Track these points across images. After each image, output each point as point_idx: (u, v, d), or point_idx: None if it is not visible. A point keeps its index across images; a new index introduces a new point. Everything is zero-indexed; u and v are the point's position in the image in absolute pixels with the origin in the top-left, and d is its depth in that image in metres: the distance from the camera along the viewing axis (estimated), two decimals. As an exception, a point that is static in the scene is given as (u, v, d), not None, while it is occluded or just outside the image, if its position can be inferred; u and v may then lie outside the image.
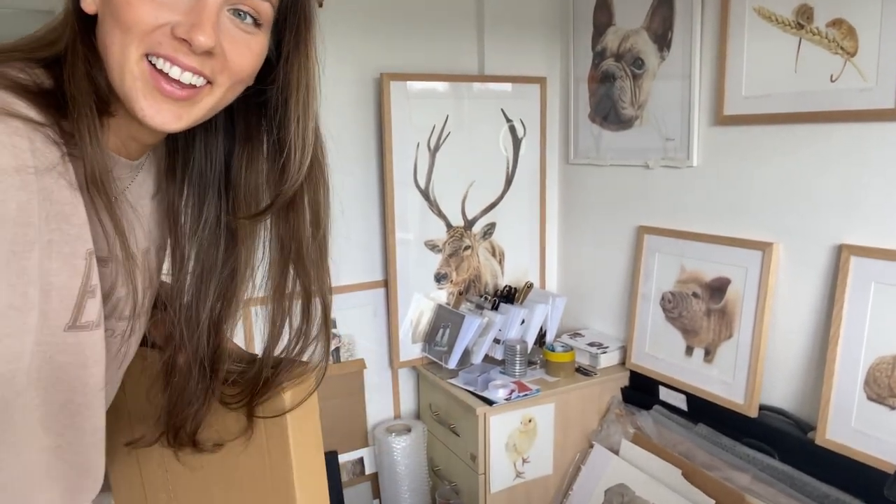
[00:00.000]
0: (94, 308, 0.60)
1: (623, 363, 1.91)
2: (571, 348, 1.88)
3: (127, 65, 0.56)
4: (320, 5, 0.68)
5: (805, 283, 1.47)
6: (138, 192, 0.70)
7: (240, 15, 0.58)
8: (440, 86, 1.93)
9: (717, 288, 1.64)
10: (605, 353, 1.90)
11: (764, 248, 1.53)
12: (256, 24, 0.60)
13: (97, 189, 0.57)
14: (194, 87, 0.57)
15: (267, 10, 0.60)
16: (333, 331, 1.92)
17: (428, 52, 1.96)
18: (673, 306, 1.75)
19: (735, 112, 1.57)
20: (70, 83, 0.57)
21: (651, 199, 1.84)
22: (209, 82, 0.58)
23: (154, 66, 0.56)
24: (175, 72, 0.56)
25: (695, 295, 1.69)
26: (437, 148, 1.93)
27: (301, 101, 0.66)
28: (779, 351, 1.53)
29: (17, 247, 0.52)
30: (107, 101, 0.59)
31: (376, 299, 1.99)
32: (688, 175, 1.72)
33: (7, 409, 0.55)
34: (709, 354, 1.66)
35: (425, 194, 1.94)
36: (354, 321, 1.96)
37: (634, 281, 1.87)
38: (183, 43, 0.55)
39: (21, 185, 0.51)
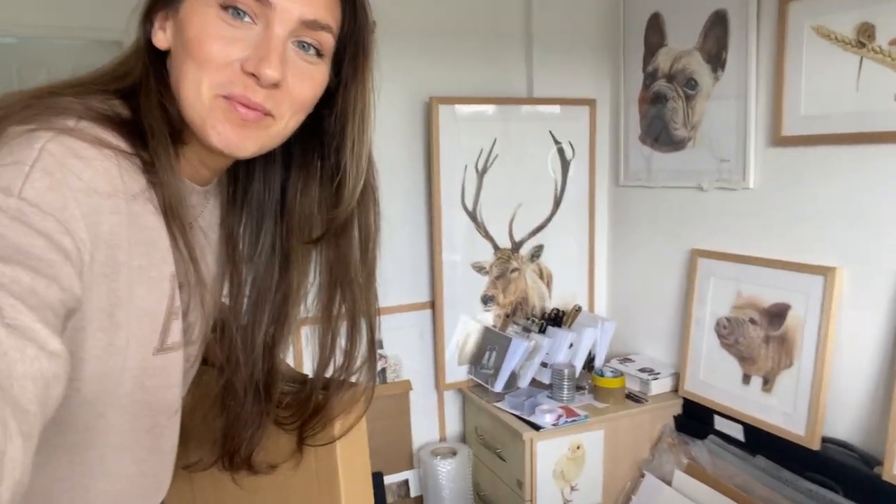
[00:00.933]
0: (178, 329, 0.62)
1: (676, 390, 1.85)
2: (621, 373, 1.84)
3: (200, 98, 0.59)
4: (372, 31, 0.69)
5: (870, 309, 1.40)
6: (209, 219, 0.73)
7: (303, 47, 0.61)
8: (488, 109, 1.94)
9: (777, 314, 1.57)
10: (656, 379, 1.84)
11: (826, 272, 1.47)
12: (319, 54, 0.62)
13: (174, 215, 0.60)
14: (258, 114, 0.60)
15: (329, 41, 0.62)
16: (380, 352, 1.93)
17: (476, 75, 1.97)
18: (729, 332, 1.69)
19: (793, 132, 1.52)
20: (146, 114, 0.60)
21: (705, 222, 1.80)
22: (272, 117, 0.60)
23: (228, 100, 0.59)
24: (242, 110, 0.59)
25: (752, 321, 1.63)
26: (484, 170, 1.94)
27: (357, 128, 0.67)
28: (843, 381, 1.46)
29: (108, 269, 0.54)
30: (180, 129, 0.62)
31: (423, 321, 1.99)
32: (744, 197, 1.68)
33: (88, 431, 0.57)
34: (767, 383, 1.59)
35: (473, 216, 1.94)
36: (401, 342, 1.96)
37: (688, 305, 1.82)
38: (251, 77, 0.58)
39: (113, 209, 0.54)
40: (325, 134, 0.69)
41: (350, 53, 0.66)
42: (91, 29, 4.05)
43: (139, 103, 0.61)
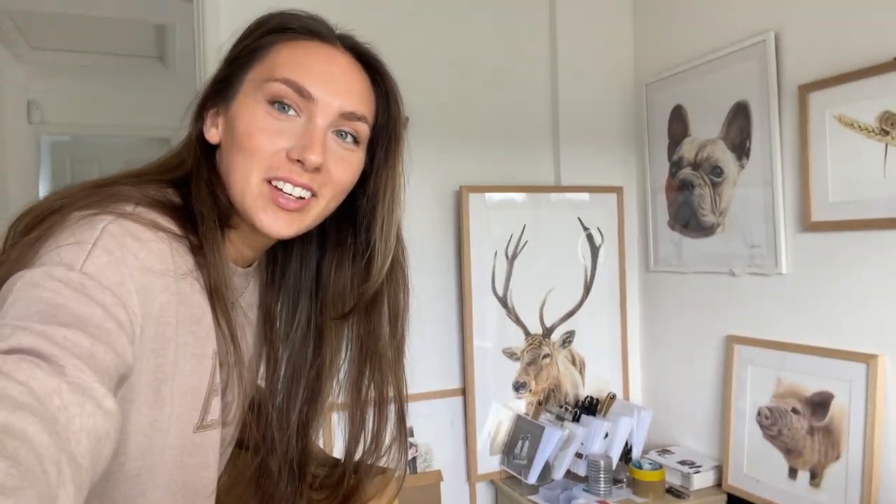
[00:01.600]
0: (217, 407, 0.65)
1: (719, 485, 1.77)
2: (661, 466, 1.77)
3: (249, 186, 0.64)
4: (404, 123, 0.76)
5: (920, 399, 1.35)
6: (249, 299, 0.77)
7: (342, 135, 0.67)
8: (517, 196, 1.99)
9: (820, 403, 1.52)
10: (698, 472, 1.77)
11: (868, 360, 1.42)
12: (356, 141, 0.69)
13: (218, 296, 0.65)
14: (304, 199, 0.65)
15: (364, 130, 0.69)
16: (410, 440, 1.90)
17: (505, 164, 2.04)
18: (771, 423, 1.63)
19: (823, 218, 1.52)
20: (197, 200, 0.66)
21: (739, 308, 1.78)
22: (314, 195, 0.66)
23: (272, 184, 0.64)
24: (288, 188, 0.64)
25: (794, 411, 1.58)
26: (514, 256, 1.96)
27: (387, 207, 0.73)
28: (894, 473, 1.38)
29: (157, 345, 0.57)
30: (228, 215, 0.68)
31: (454, 408, 1.96)
32: (777, 282, 1.66)
33: None
34: (815, 477, 1.52)
35: (503, 302, 1.95)
36: (432, 430, 1.93)
37: (726, 394, 1.77)
38: (296, 163, 0.64)
39: (164, 288, 0.58)
40: (358, 214, 0.75)
41: (384, 142, 0.73)
42: (140, 127, 4.32)
43: (190, 191, 0.67)
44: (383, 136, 0.73)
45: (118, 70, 3.72)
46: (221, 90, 0.69)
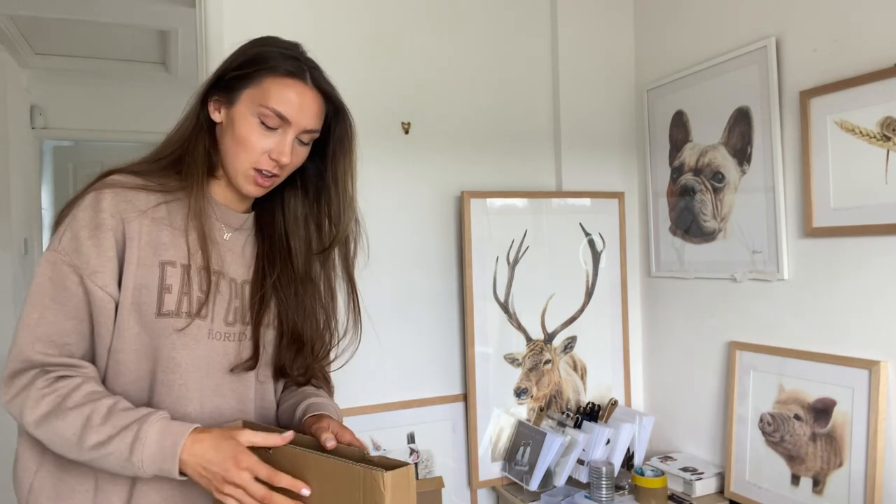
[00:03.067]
0: (172, 301, 0.95)
1: (721, 492, 1.76)
2: (663, 472, 1.76)
3: (241, 169, 1.00)
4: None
5: (923, 406, 1.34)
6: (244, 238, 1.09)
7: (300, 141, 1.03)
8: (519, 202, 1.99)
9: (822, 410, 1.52)
10: (700, 479, 1.76)
11: (870, 366, 1.42)
12: (307, 143, 1.04)
13: (197, 219, 0.98)
14: (270, 178, 1.02)
15: (314, 136, 1.04)
16: (412, 446, 1.90)
17: (507, 169, 2.04)
18: (773, 429, 1.63)
19: (825, 224, 1.52)
20: (189, 154, 1.01)
21: (741, 314, 1.77)
22: (277, 175, 1.02)
23: (255, 170, 1.00)
24: (265, 173, 1.00)
25: (797, 417, 1.57)
26: (516, 261, 1.96)
27: (340, 178, 1.09)
28: (900, 483, 1.38)
29: (128, 259, 0.97)
30: (214, 167, 1.04)
31: (455, 413, 1.96)
32: (779, 288, 1.66)
33: (169, 371, 0.96)
34: (818, 484, 1.51)
35: (504, 307, 1.95)
36: (433, 436, 1.93)
37: (728, 400, 1.76)
38: (273, 161, 1.00)
39: (136, 223, 0.97)
40: (323, 184, 1.11)
41: (337, 137, 1.08)
42: (143, 132, 4.32)
43: (182, 159, 1.02)
44: (336, 133, 1.07)
45: (121, 75, 3.73)
46: (224, 91, 1.00)
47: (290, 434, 0.87)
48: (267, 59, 0.98)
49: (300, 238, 1.10)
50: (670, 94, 1.98)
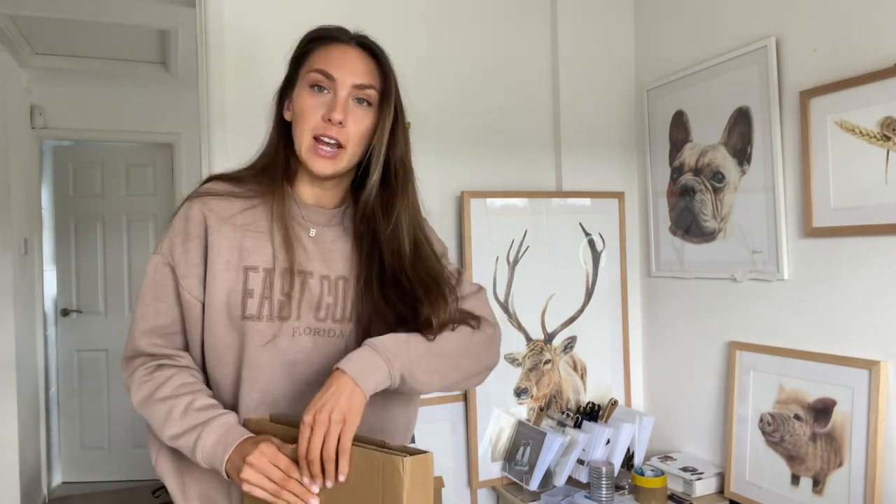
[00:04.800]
0: (254, 305, 0.99)
1: (721, 492, 1.76)
2: (663, 472, 1.76)
3: (304, 143, 0.99)
4: (397, 85, 1.03)
5: (923, 406, 1.34)
6: (337, 233, 1.07)
7: (359, 101, 1.00)
8: (519, 202, 1.99)
9: (822, 410, 1.52)
10: (700, 479, 1.76)
11: (870, 366, 1.42)
12: (368, 104, 1.01)
13: (280, 221, 1.01)
14: (333, 149, 0.99)
15: (373, 94, 1.01)
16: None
17: (507, 169, 2.04)
18: (773, 429, 1.63)
19: (825, 224, 1.52)
20: (271, 158, 1.05)
21: (741, 313, 1.77)
22: (340, 146, 0.99)
23: (316, 140, 0.98)
24: (325, 139, 0.98)
25: (797, 417, 1.57)
26: (516, 261, 1.96)
27: (383, 133, 1.02)
28: (900, 483, 1.38)
29: (210, 268, 1.00)
30: (295, 167, 1.05)
31: (455, 414, 1.96)
32: (779, 288, 1.66)
33: (244, 367, 1.00)
34: (818, 484, 1.51)
35: (505, 307, 1.95)
36: (433, 436, 1.93)
37: (728, 400, 1.76)
38: (328, 122, 0.97)
39: (219, 232, 1.00)
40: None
41: (384, 97, 1.02)
42: (143, 132, 4.31)
43: (268, 156, 1.06)
44: (384, 94, 1.02)
45: (121, 75, 3.72)
46: (289, 86, 1.04)
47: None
48: (311, 36, 1.04)
49: (380, 218, 1.06)
50: (670, 94, 1.98)
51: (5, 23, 2.99)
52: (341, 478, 0.83)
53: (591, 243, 2.06)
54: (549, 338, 2.00)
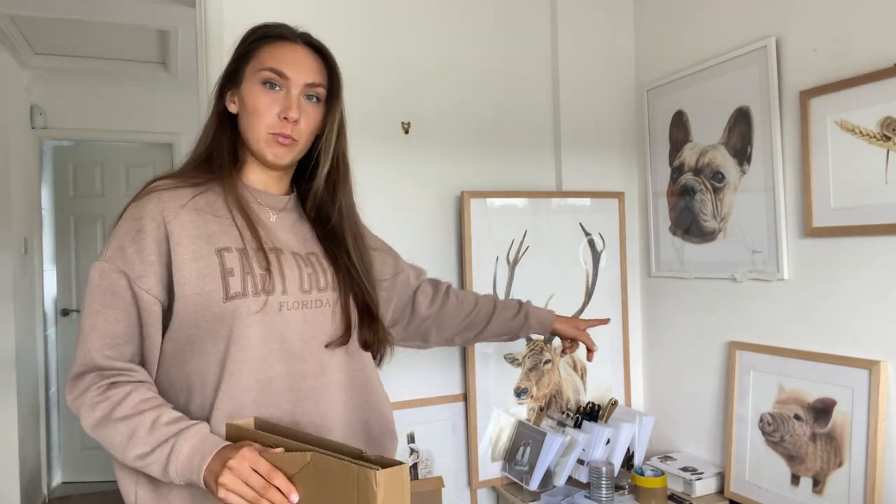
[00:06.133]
0: (236, 283, 0.98)
1: (721, 492, 1.76)
2: (663, 472, 1.76)
3: (260, 137, 1.04)
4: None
5: (923, 406, 1.34)
6: (293, 218, 1.12)
7: (310, 98, 1.06)
8: (519, 202, 1.99)
9: (822, 410, 1.52)
10: (700, 479, 1.76)
11: (870, 366, 1.42)
12: (318, 100, 1.07)
13: (236, 203, 1.03)
14: (289, 142, 1.04)
15: (322, 91, 1.07)
16: (412, 446, 1.90)
17: (507, 169, 2.04)
18: (773, 429, 1.63)
19: (825, 224, 1.52)
20: (216, 147, 1.07)
21: (741, 313, 1.77)
22: (295, 140, 1.05)
23: (273, 135, 1.03)
24: (281, 138, 1.03)
25: (797, 417, 1.57)
26: (516, 261, 1.96)
27: (331, 131, 1.09)
28: (900, 483, 1.38)
29: (175, 258, 0.99)
30: (242, 156, 1.09)
31: (455, 413, 1.96)
32: (779, 288, 1.66)
33: (229, 342, 0.98)
34: (818, 485, 1.51)
35: (505, 307, 1.94)
36: (433, 436, 1.93)
37: (728, 400, 1.76)
38: (284, 120, 1.03)
39: (175, 219, 0.99)
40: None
41: (331, 95, 1.09)
42: (143, 132, 4.31)
43: (213, 154, 1.07)
44: (331, 91, 1.09)
45: (121, 75, 3.72)
46: (233, 79, 1.07)
47: (279, 449, 0.87)
48: (257, 34, 1.07)
49: (331, 209, 1.13)
50: (670, 94, 1.98)
51: (5, 23, 2.99)
52: (294, 498, 0.83)
53: (591, 243, 2.06)
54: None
